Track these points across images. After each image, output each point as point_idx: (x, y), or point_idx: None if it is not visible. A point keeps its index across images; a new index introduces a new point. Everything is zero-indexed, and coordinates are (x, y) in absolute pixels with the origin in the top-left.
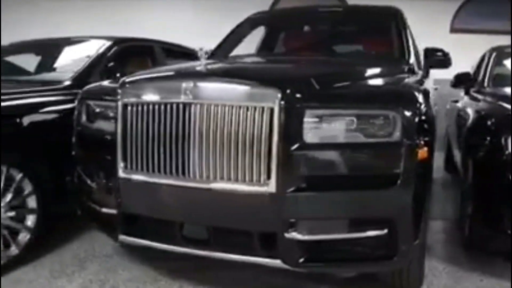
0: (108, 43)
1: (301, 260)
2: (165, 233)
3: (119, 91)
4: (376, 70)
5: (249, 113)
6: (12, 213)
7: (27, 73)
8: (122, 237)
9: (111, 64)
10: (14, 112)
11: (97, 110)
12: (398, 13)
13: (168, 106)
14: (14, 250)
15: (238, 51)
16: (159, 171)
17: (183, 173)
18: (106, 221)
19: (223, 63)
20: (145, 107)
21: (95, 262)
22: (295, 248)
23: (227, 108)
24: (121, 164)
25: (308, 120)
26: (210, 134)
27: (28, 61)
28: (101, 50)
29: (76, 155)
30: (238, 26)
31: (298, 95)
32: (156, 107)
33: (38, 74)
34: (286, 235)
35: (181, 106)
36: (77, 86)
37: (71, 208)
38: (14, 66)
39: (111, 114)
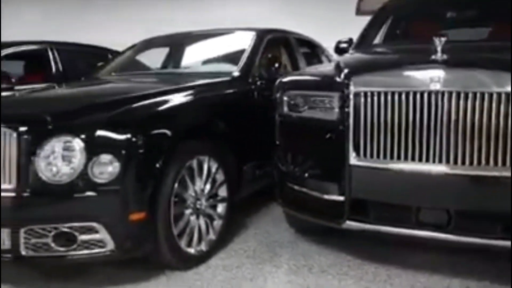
0: (256, 35)
1: None
2: (398, 218)
3: (350, 81)
4: None
5: (492, 98)
6: (211, 202)
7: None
8: (349, 223)
9: (270, 55)
10: (216, 102)
11: (307, 100)
12: None
13: (413, 95)
14: (211, 236)
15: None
16: (398, 157)
17: (427, 159)
18: (327, 208)
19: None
20: (381, 97)
21: (284, 248)
22: None
23: (472, 95)
24: (352, 151)
25: None
26: (456, 120)
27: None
28: (253, 42)
29: (282, 144)
30: (376, 15)
31: None
32: (396, 96)
33: (174, 68)
34: None
35: (427, 94)
36: (244, 77)
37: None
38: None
39: (329, 104)
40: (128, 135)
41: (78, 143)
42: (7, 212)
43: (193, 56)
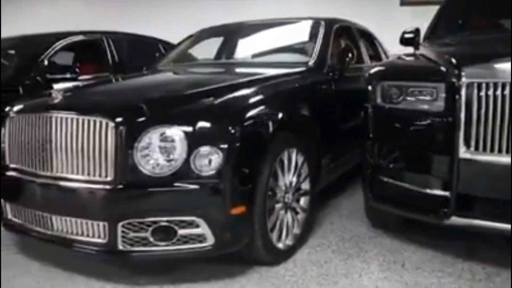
0: (326, 24)
1: None
2: (505, 214)
3: (462, 72)
4: None
5: None
6: (296, 196)
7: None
8: (454, 219)
9: (341, 45)
10: (301, 93)
11: (405, 91)
12: None
13: None
14: (296, 230)
15: None
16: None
17: None
18: (428, 203)
19: None
20: (498, 88)
21: (367, 243)
22: None
23: None
24: (462, 144)
25: None
26: None
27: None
28: (324, 31)
29: (375, 136)
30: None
31: None
32: (508, 87)
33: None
34: None
35: None
36: (320, 68)
37: None
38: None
39: (433, 95)
40: (230, 126)
41: (179, 135)
42: (104, 206)
43: (260, 46)
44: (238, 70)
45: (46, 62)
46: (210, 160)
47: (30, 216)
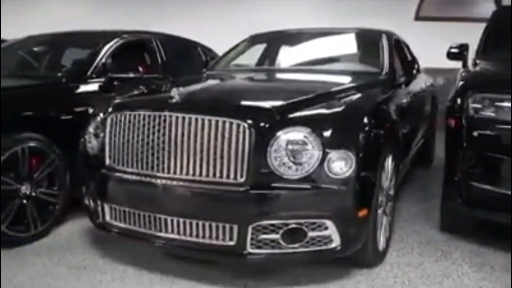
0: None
1: None
2: None
3: None
4: None
5: None
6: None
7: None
8: None
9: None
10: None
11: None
12: None
13: None
14: (386, 233)
15: None
16: None
17: None
18: None
19: None
20: None
21: (447, 246)
22: None
23: None
24: None
25: None
26: None
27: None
28: (387, 41)
29: (469, 144)
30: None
31: None
32: None
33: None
34: None
35: None
36: (391, 77)
37: None
38: None
39: None
40: (360, 131)
41: (312, 138)
42: (235, 208)
43: (321, 54)
44: (318, 77)
45: (107, 61)
46: (342, 163)
47: (139, 219)
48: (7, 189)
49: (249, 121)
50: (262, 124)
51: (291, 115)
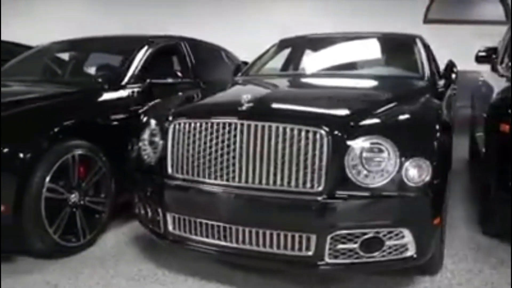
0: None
1: None
2: None
3: None
4: None
5: None
6: None
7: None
8: None
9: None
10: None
11: None
12: None
13: None
14: None
15: None
16: None
17: None
18: None
19: None
20: None
21: (496, 251)
22: None
23: None
24: None
25: None
26: None
27: None
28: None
29: None
30: None
31: None
32: None
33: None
34: None
35: None
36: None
37: None
38: None
39: None
40: (435, 138)
41: (390, 146)
42: (314, 217)
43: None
44: (367, 82)
45: (143, 66)
46: (418, 170)
47: (206, 229)
48: (58, 198)
49: (326, 129)
50: (338, 132)
51: (366, 123)
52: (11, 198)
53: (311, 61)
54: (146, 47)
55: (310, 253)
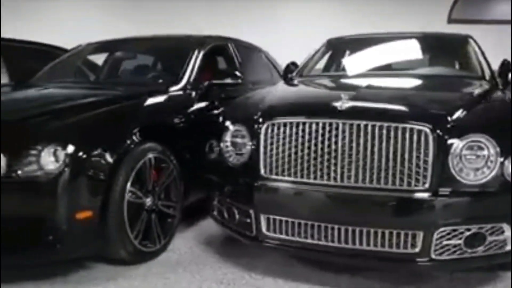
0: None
1: None
2: None
3: None
4: None
5: None
6: None
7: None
8: None
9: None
10: None
11: None
12: None
13: None
14: None
15: None
16: None
17: None
18: None
19: None
20: None
21: None
22: None
23: None
24: None
25: None
26: None
27: None
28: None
29: None
30: None
31: None
32: None
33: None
34: None
35: None
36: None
37: None
38: None
39: None
40: None
41: (491, 143)
42: (421, 215)
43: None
44: (437, 82)
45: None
46: None
47: (305, 230)
48: (137, 202)
49: (431, 127)
50: (441, 129)
51: (465, 121)
52: (98, 203)
53: (370, 61)
54: (201, 47)
55: (416, 250)
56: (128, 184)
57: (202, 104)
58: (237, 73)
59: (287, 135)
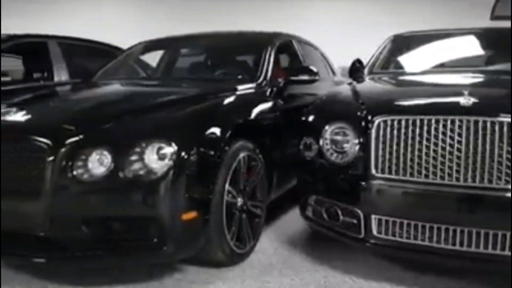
0: None
1: None
2: None
3: None
4: None
5: None
6: None
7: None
8: None
9: None
10: None
11: None
12: None
13: None
14: None
15: None
16: None
17: None
18: None
19: None
20: None
21: None
22: None
23: None
24: None
25: None
26: None
27: None
28: None
29: None
30: None
31: None
32: None
33: None
34: None
35: None
36: None
37: None
38: None
39: None
40: None
41: None
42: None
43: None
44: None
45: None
46: None
47: (422, 232)
48: (232, 202)
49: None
50: None
51: None
52: (201, 203)
53: (445, 57)
54: (272, 44)
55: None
56: (227, 184)
57: (281, 101)
58: (313, 69)
59: (402, 133)
